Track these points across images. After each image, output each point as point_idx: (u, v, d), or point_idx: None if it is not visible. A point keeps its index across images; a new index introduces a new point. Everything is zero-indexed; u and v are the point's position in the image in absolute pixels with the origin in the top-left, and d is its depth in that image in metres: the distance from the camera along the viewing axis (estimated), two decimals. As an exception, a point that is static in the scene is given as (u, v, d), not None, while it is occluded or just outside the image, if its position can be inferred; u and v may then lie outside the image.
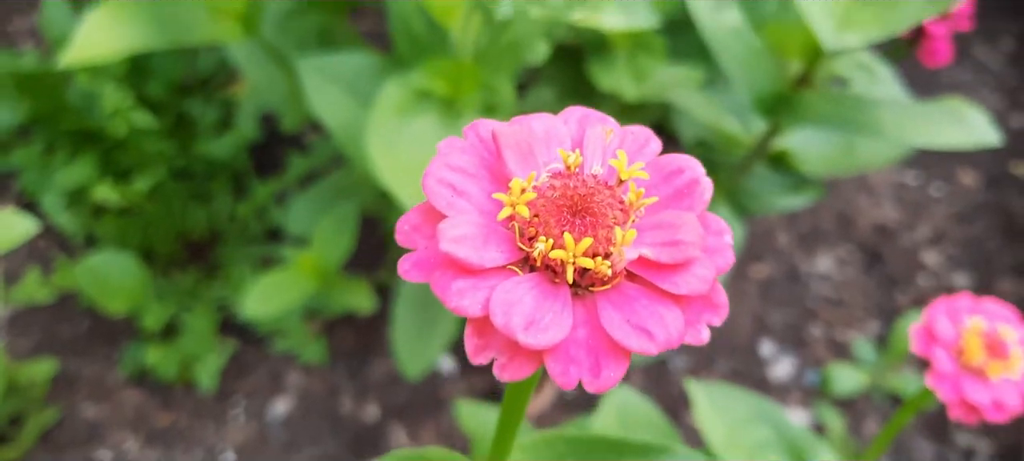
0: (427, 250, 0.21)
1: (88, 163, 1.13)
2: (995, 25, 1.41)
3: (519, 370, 0.20)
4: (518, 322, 0.19)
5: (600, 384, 0.20)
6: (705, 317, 0.21)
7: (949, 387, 0.43)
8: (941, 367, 0.43)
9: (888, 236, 1.24)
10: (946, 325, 0.44)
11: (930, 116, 0.66)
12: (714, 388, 0.60)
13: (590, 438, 0.35)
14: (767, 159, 0.88)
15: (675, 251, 0.20)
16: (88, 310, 1.21)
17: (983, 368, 0.43)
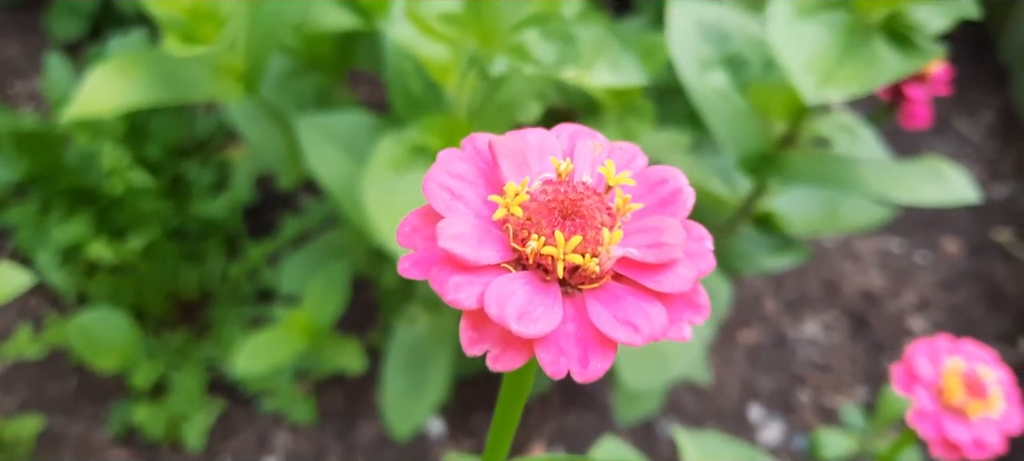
0: (426, 249, 0.22)
1: (84, 221, 1.14)
2: (975, 98, 1.45)
3: (511, 361, 0.21)
4: (511, 312, 0.20)
5: (588, 374, 0.21)
6: (687, 316, 0.22)
7: (930, 425, 0.44)
8: (922, 406, 0.44)
9: (874, 302, 1.25)
10: (926, 365, 0.45)
11: (911, 174, 0.68)
12: (702, 437, 0.61)
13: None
14: (753, 220, 0.90)
15: (659, 252, 0.22)
16: (76, 369, 1.21)
17: (963, 407, 0.44)
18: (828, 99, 0.52)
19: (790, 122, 0.72)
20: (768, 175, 0.70)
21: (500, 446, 0.29)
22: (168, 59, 0.83)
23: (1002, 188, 1.34)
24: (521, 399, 0.26)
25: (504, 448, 0.29)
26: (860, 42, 0.58)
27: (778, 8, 0.57)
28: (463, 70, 0.68)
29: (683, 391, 1.18)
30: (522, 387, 0.26)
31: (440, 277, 0.21)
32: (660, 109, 0.97)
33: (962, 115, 1.43)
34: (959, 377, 0.45)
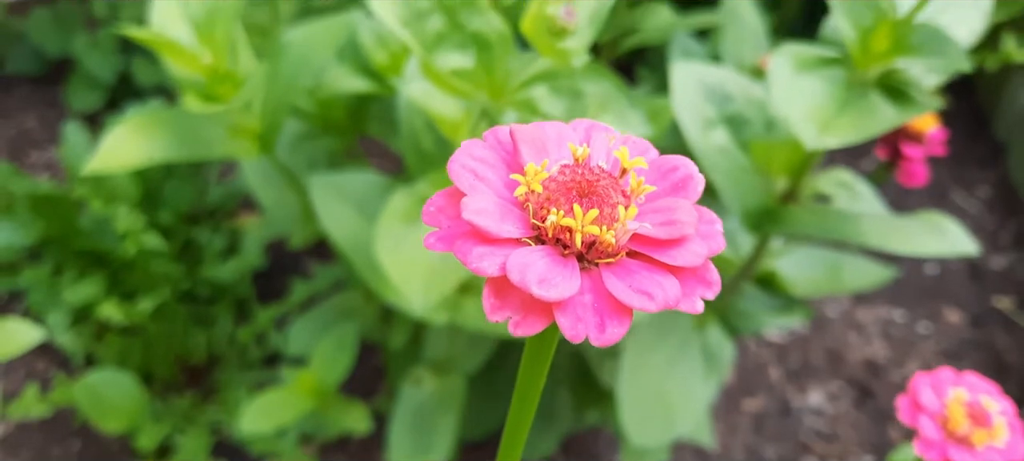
0: (450, 225, 0.24)
1: (95, 283, 1.15)
2: (972, 174, 1.47)
3: (532, 326, 0.23)
4: (532, 278, 0.22)
5: (605, 339, 0.22)
6: (699, 290, 0.24)
7: (937, 454, 0.45)
8: (928, 434, 0.45)
9: (878, 372, 1.25)
10: (930, 396, 0.46)
11: (911, 227, 0.70)
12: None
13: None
14: (756, 281, 0.91)
15: (672, 229, 0.23)
16: (80, 433, 1.21)
17: (968, 436, 0.45)
18: (827, 145, 0.54)
19: (791, 179, 0.74)
20: (770, 229, 0.72)
21: (517, 440, 0.30)
22: (186, 118, 0.86)
23: (1001, 259, 1.36)
24: (539, 384, 0.28)
25: (521, 442, 0.30)
26: (857, 96, 0.60)
27: (779, 64, 0.59)
28: (473, 125, 0.70)
29: (688, 457, 1.18)
30: (540, 368, 0.27)
31: (464, 248, 0.23)
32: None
33: (960, 189, 1.45)
34: (963, 407, 0.46)
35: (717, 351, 0.90)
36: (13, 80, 1.61)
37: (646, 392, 0.88)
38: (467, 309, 0.88)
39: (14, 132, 1.54)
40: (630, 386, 0.88)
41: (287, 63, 0.87)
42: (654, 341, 0.90)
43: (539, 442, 1.14)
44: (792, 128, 0.55)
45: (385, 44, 0.91)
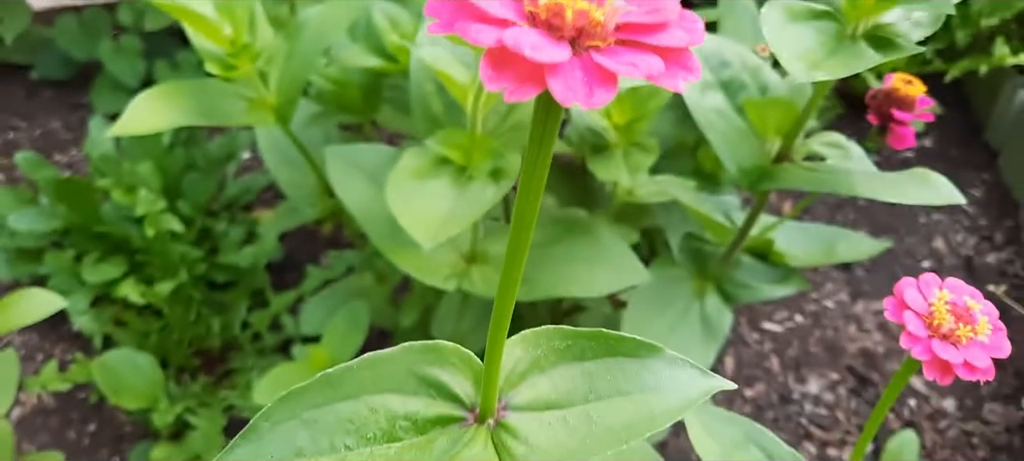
0: (451, 12, 0.28)
1: (115, 266, 1.19)
2: (966, 177, 1.51)
3: (525, 93, 0.26)
4: (526, 43, 0.25)
5: (593, 101, 0.26)
6: (681, 74, 0.27)
7: (922, 347, 0.47)
8: (913, 329, 0.47)
9: (876, 362, 1.28)
10: (916, 296, 0.49)
11: (899, 180, 0.73)
12: (705, 412, 0.64)
13: (586, 332, 0.40)
14: (754, 253, 0.95)
15: (656, 15, 0.27)
16: (96, 415, 1.24)
17: (953, 331, 0.47)
18: (816, 79, 0.58)
19: (784, 139, 0.77)
20: (765, 185, 0.75)
21: (517, 261, 0.33)
22: (207, 90, 0.90)
23: (996, 256, 1.39)
24: (538, 191, 0.31)
25: (520, 262, 0.33)
26: (846, 46, 0.64)
27: (771, 12, 0.63)
28: (479, 87, 0.75)
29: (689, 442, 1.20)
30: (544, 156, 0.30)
31: (464, 26, 0.26)
32: (666, 166, 1.03)
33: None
34: (947, 306, 0.49)
35: (715, 319, 0.93)
36: (39, 85, 1.67)
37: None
38: (474, 278, 0.92)
39: (39, 133, 1.59)
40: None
41: (303, 40, 0.92)
42: (655, 310, 0.93)
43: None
44: (783, 64, 0.59)
45: (397, 26, 0.96)
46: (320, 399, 0.37)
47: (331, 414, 0.37)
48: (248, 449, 0.36)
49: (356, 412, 0.37)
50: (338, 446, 0.37)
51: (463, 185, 0.78)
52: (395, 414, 0.37)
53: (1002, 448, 1.19)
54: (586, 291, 0.88)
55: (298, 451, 0.36)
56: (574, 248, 0.91)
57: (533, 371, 0.39)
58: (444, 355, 0.39)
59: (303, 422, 0.37)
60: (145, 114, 0.84)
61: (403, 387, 0.38)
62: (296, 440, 0.36)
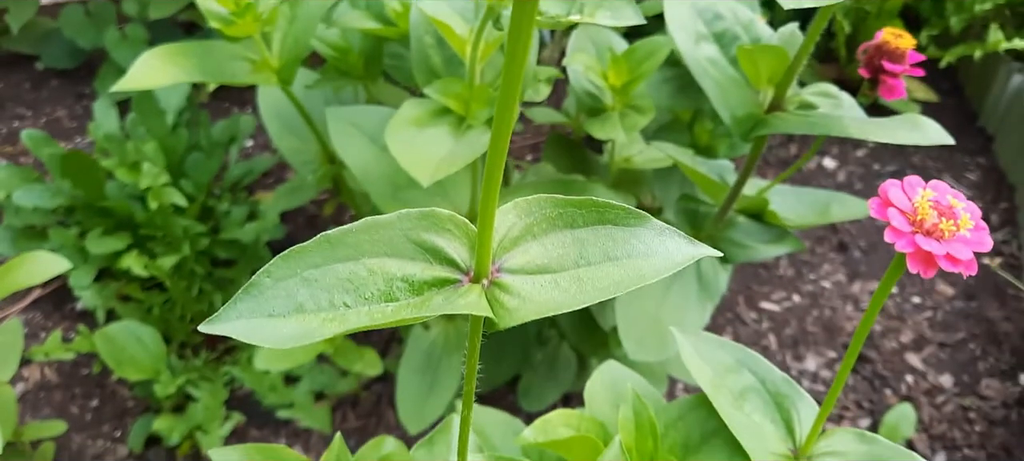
0: None
1: (119, 240, 1.20)
2: (961, 161, 1.52)
3: None
4: None
5: None
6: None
7: (906, 241, 0.48)
8: (897, 224, 0.48)
9: (873, 339, 1.29)
10: (899, 195, 0.50)
11: (890, 123, 0.74)
12: (698, 337, 0.65)
13: (576, 201, 0.41)
14: (749, 214, 0.96)
15: None
16: (98, 390, 1.25)
17: (936, 225, 0.48)
18: (802, 5, 0.59)
19: (777, 89, 0.79)
20: (759, 132, 0.77)
21: (500, 149, 0.34)
22: (212, 51, 0.92)
23: (992, 236, 1.40)
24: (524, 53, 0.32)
25: (503, 149, 0.34)
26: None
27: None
28: (476, 35, 0.76)
29: (689, 417, 1.21)
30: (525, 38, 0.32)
31: None
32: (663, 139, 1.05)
33: (950, 176, 1.50)
34: (930, 203, 0.50)
35: (711, 278, 0.94)
36: (45, 75, 1.69)
37: (643, 314, 0.92)
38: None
39: (44, 122, 1.61)
40: (627, 309, 0.92)
41: (305, 2, 0.94)
42: (651, 269, 0.94)
43: (543, 397, 1.18)
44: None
45: (398, -8, 0.98)
46: (319, 260, 0.38)
47: (330, 274, 0.38)
48: (250, 303, 0.37)
49: (354, 273, 0.38)
50: (337, 304, 0.38)
51: (462, 133, 0.79)
52: (392, 276, 0.39)
53: (999, 423, 1.19)
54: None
55: (298, 307, 0.37)
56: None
57: (526, 237, 0.40)
58: (440, 221, 0.40)
59: (303, 280, 0.38)
60: (151, 70, 0.86)
61: (400, 251, 0.39)
62: (297, 297, 0.38)
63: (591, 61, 0.93)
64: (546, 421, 0.58)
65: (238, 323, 0.37)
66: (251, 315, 0.37)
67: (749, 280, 1.38)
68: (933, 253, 0.49)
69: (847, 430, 0.63)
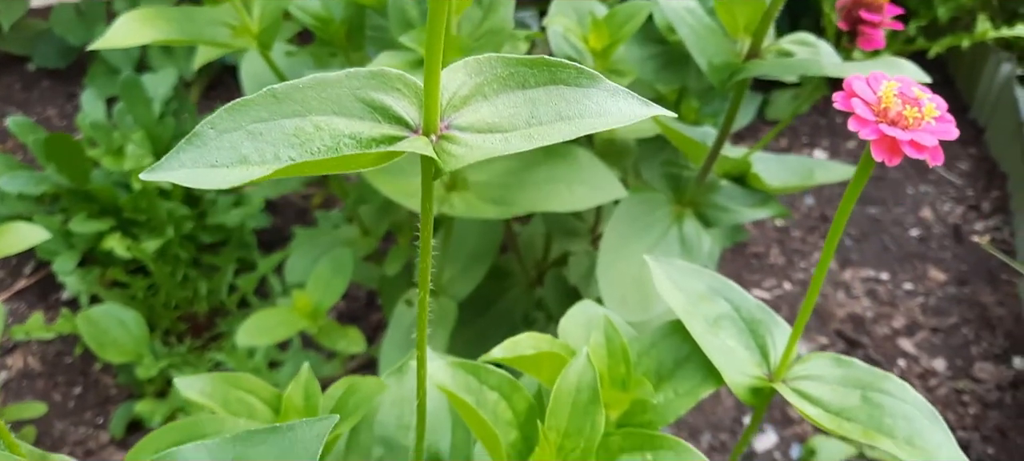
0: None
1: (103, 223, 1.20)
2: (953, 151, 1.52)
3: None
4: None
5: None
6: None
7: (870, 129, 0.48)
8: (861, 113, 0.48)
9: (865, 326, 1.27)
10: (863, 87, 0.49)
11: (868, 66, 0.74)
12: (672, 266, 0.64)
13: (528, 60, 0.41)
14: (733, 178, 0.95)
15: None
16: (81, 377, 1.24)
17: (900, 113, 0.48)
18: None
19: (754, 38, 0.79)
20: (737, 78, 0.76)
21: None
22: (193, 15, 0.92)
23: (984, 223, 1.39)
24: None
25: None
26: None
27: None
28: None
29: (678, 401, 1.19)
30: None
31: None
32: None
33: (942, 166, 1.50)
34: (895, 93, 0.49)
35: (694, 242, 0.93)
36: (36, 75, 1.70)
37: (625, 275, 0.91)
38: (455, 203, 0.92)
39: (34, 120, 1.61)
40: (609, 271, 0.91)
41: (288, -29, 0.94)
42: (633, 234, 0.93)
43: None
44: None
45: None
46: (265, 114, 0.38)
47: (277, 129, 0.38)
48: (193, 154, 0.36)
49: (301, 128, 0.38)
50: (282, 157, 0.37)
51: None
52: (340, 133, 0.38)
53: (993, 406, 1.18)
54: (565, 207, 0.89)
55: (242, 159, 0.37)
56: (554, 171, 0.92)
57: (476, 96, 0.39)
58: (390, 80, 0.39)
59: (248, 133, 0.37)
60: (130, 31, 0.86)
61: (348, 110, 0.39)
62: (241, 149, 0.37)
63: (571, 24, 0.93)
64: (515, 341, 0.57)
65: (180, 172, 0.36)
66: (194, 165, 0.36)
67: (740, 268, 1.37)
68: (897, 139, 0.48)
69: (824, 354, 0.62)
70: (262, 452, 0.37)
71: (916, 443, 0.57)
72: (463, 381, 0.52)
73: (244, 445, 0.37)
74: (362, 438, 0.61)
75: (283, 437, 0.37)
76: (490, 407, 0.52)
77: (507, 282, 1.20)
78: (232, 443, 0.37)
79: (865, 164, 0.52)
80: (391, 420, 0.62)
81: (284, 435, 0.37)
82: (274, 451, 0.36)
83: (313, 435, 0.37)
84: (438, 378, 0.50)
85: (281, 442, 0.36)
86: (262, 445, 0.37)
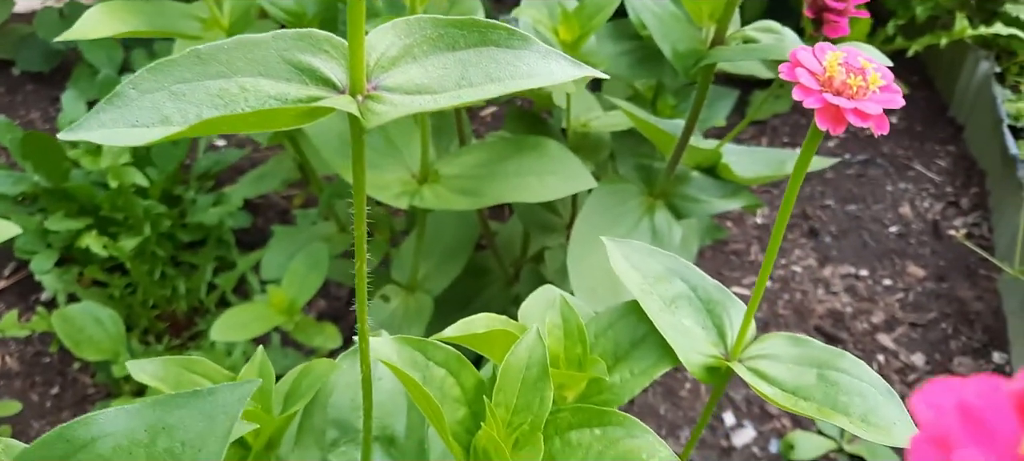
0: None
1: (80, 222, 1.20)
2: (932, 149, 1.52)
3: None
4: None
5: None
6: None
7: (815, 98, 0.48)
8: (806, 82, 0.48)
9: (845, 322, 1.27)
10: (809, 57, 0.50)
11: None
12: (628, 246, 0.64)
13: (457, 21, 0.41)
14: (704, 169, 0.96)
15: None
16: (58, 378, 1.23)
17: (845, 83, 0.48)
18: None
19: (718, 25, 0.79)
20: (702, 64, 0.76)
21: None
22: (164, 9, 0.92)
23: (963, 219, 1.39)
24: None
25: None
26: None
27: None
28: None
29: (660, 399, 1.19)
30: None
31: None
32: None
33: (921, 160, 1.50)
34: (840, 63, 0.49)
35: (664, 232, 0.93)
36: (20, 79, 1.70)
37: (596, 267, 0.91)
38: (426, 195, 0.92)
39: (17, 124, 1.61)
40: (580, 263, 0.91)
41: (258, -34, 0.94)
42: (605, 224, 0.93)
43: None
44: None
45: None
46: (189, 75, 0.37)
47: (201, 89, 0.37)
48: (114, 114, 0.36)
49: (225, 89, 0.38)
50: (205, 117, 0.37)
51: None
52: (265, 95, 0.38)
53: (972, 400, 1.17)
54: (536, 197, 0.89)
55: (164, 119, 0.37)
56: (525, 163, 0.92)
57: (405, 58, 0.39)
58: (317, 42, 0.39)
59: (171, 93, 0.37)
60: (99, 21, 0.86)
61: (275, 72, 0.39)
62: (163, 109, 0.37)
63: (541, 16, 0.93)
64: (469, 320, 0.57)
65: (99, 131, 0.36)
66: (114, 124, 0.36)
67: (720, 265, 1.36)
68: (841, 108, 0.48)
69: (780, 334, 0.62)
70: (183, 416, 0.36)
71: (871, 420, 0.57)
72: (409, 357, 0.51)
73: (164, 409, 0.36)
74: (315, 420, 0.61)
75: (204, 401, 0.36)
76: (437, 383, 0.52)
77: (485, 279, 1.20)
78: (152, 407, 0.37)
79: (813, 135, 0.52)
80: (345, 402, 0.61)
81: (205, 399, 0.36)
82: (195, 415, 0.36)
83: (234, 398, 0.36)
84: (382, 353, 0.50)
85: (202, 406, 0.36)
86: (183, 409, 0.36)
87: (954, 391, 0.22)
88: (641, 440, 0.52)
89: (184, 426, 0.36)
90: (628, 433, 0.52)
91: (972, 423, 0.21)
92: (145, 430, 0.36)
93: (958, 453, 0.19)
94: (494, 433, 0.50)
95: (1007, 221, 1.28)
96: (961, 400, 0.22)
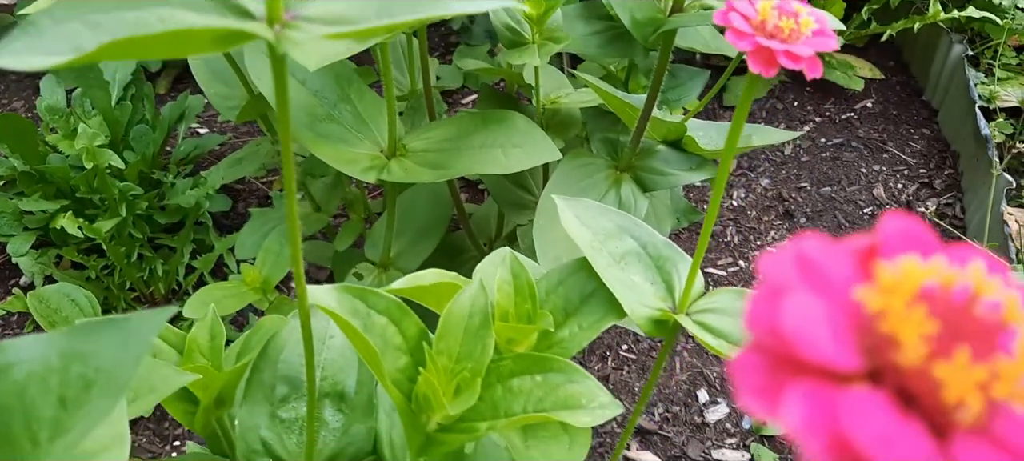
0: None
1: (57, 204, 1.20)
2: (906, 132, 1.53)
3: None
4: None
5: None
6: None
7: (748, 42, 0.48)
8: (738, 26, 0.48)
9: (820, 300, 1.28)
10: (743, 2, 0.50)
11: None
12: (579, 204, 0.64)
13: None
14: (669, 143, 0.96)
15: None
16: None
17: (777, 26, 0.48)
18: None
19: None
20: (661, 30, 0.77)
21: None
22: None
23: (936, 200, 1.39)
24: None
25: None
26: None
27: None
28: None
29: (635, 376, 1.20)
30: None
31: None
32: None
33: (897, 143, 1.50)
34: (773, 6, 0.49)
35: (630, 204, 0.93)
36: (4, 71, 1.71)
37: (559, 237, 0.91)
38: (393, 169, 0.93)
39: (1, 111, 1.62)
40: (545, 232, 0.92)
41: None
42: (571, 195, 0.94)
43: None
44: None
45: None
46: (108, 5, 0.38)
47: (117, 20, 0.38)
48: (27, 42, 0.36)
49: (143, 19, 0.38)
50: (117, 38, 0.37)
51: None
52: (184, 23, 0.38)
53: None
54: (501, 169, 0.90)
55: (78, 49, 0.37)
56: (490, 136, 0.93)
57: (325, -10, 0.40)
58: (237, -25, 0.40)
59: (87, 24, 0.37)
60: None
61: (195, 4, 0.39)
62: (78, 40, 0.37)
63: (506, -10, 0.93)
64: (417, 274, 0.58)
65: (9, 58, 0.36)
66: (27, 53, 0.36)
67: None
68: (773, 50, 0.48)
69: (728, 289, 0.62)
70: (97, 344, 0.37)
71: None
72: (350, 305, 0.52)
73: (80, 336, 0.37)
74: (265, 376, 0.61)
75: (119, 329, 0.37)
76: (378, 331, 0.52)
77: (460, 258, 1.20)
78: (67, 336, 0.37)
79: (751, 81, 0.52)
80: (295, 358, 0.62)
81: (120, 327, 0.37)
82: (110, 342, 0.36)
83: (149, 326, 0.37)
84: (322, 301, 0.51)
85: (117, 333, 0.37)
86: (98, 336, 0.37)
87: (796, 246, 0.22)
88: (581, 385, 0.52)
89: (98, 353, 0.36)
90: (568, 379, 0.53)
91: (809, 273, 0.22)
92: (59, 357, 0.36)
93: (790, 297, 0.20)
94: (433, 379, 0.50)
95: (979, 201, 1.28)
96: (799, 251, 0.22)
